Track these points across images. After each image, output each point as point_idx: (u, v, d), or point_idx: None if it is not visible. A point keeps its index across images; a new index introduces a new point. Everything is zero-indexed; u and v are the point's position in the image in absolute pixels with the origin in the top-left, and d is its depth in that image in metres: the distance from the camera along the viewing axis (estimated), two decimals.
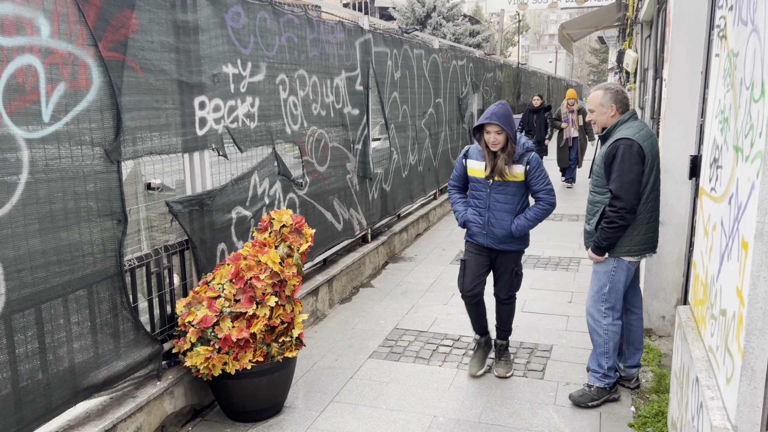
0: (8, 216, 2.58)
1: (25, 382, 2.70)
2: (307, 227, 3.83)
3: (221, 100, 3.94)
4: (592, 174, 3.73)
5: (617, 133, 3.57)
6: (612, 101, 3.62)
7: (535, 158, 3.93)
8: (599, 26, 15.07)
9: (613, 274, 3.69)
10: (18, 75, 2.58)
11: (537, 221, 3.98)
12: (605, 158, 3.55)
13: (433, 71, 8.87)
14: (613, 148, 3.50)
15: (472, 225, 4.05)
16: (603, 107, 3.64)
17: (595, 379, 3.81)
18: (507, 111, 3.82)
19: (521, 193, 3.98)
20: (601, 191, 3.63)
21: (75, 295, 2.92)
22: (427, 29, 28.60)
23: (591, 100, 3.69)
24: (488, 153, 3.89)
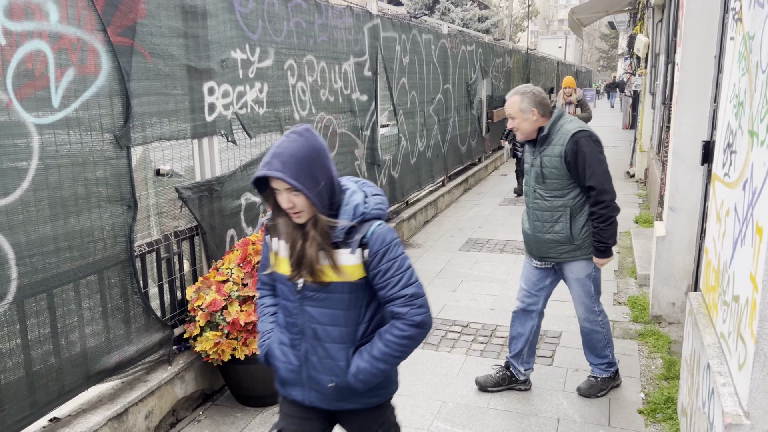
0: (19, 201, 2.59)
1: (38, 366, 2.72)
2: None
3: (230, 85, 3.92)
4: (541, 178, 3.41)
5: (562, 129, 3.34)
6: (532, 105, 3.35)
7: (381, 234, 1.98)
8: (610, 11, 14.89)
9: (594, 274, 3.54)
10: (27, 60, 2.58)
11: (392, 359, 2.01)
12: (566, 156, 3.28)
13: (441, 57, 8.81)
14: (573, 144, 3.26)
15: (280, 364, 2.19)
16: (524, 113, 3.37)
17: (601, 371, 3.75)
18: (310, 149, 1.94)
19: (359, 303, 2.05)
20: (561, 194, 3.38)
21: (86, 281, 2.94)
22: (436, 14, 28.39)
23: (509, 107, 3.42)
24: (287, 228, 2.02)
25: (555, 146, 3.33)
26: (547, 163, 3.37)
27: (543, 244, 3.49)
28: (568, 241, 3.42)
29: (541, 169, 3.40)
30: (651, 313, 4.83)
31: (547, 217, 3.43)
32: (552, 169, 3.35)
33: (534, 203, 3.48)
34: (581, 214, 3.39)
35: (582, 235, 3.40)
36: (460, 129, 10.13)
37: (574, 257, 3.45)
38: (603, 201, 3.28)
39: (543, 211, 3.44)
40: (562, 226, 3.40)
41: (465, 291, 5.61)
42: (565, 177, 3.33)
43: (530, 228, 3.54)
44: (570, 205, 3.37)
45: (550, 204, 3.41)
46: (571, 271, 3.52)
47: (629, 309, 5.07)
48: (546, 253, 3.51)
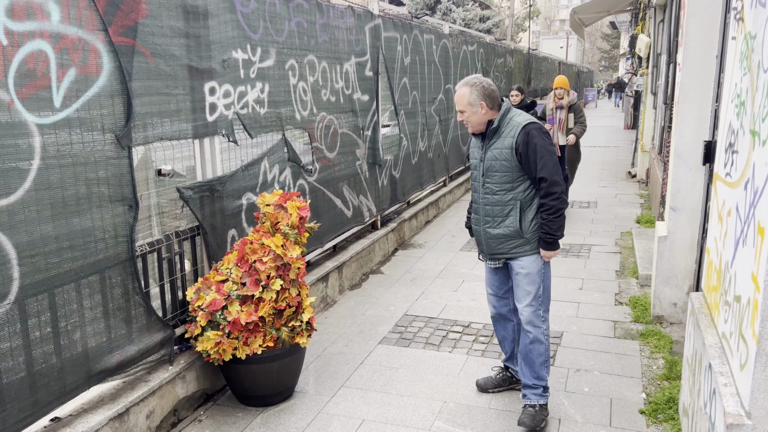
0: (21, 201, 2.59)
1: (40, 365, 2.72)
2: (296, 200, 3.75)
3: (231, 85, 3.92)
4: (490, 171, 3.34)
5: (512, 122, 3.29)
6: (480, 98, 3.27)
7: None
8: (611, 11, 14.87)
9: (543, 271, 3.41)
10: (29, 60, 2.58)
11: None
12: (517, 148, 3.24)
13: (443, 57, 8.81)
14: (525, 135, 3.22)
15: None
16: (473, 106, 3.29)
17: (538, 396, 3.46)
18: None
19: None
20: (511, 187, 3.31)
21: (87, 281, 2.94)
22: (437, 14, 28.38)
23: (458, 99, 3.32)
24: None
25: (505, 138, 3.28)
26: (497, 156, 3.31)
27: (493, 240, 3.41)
28: (518, 234, 3.34)
29: (491, 163, 3.34)
30: (652, 313, 4.83)
31: (497, 212, 3.37)
32: (503, 162, 3.29)
33: (484, 198, 3.40)
34: (530, 208, 3.33)
35: (531, 229, 3.33)
36: (462, 129, 10.12)
37: (523, 252, 3.38)
38: (554, 192, 3.22)
39: (493, 206, 3.38)
40: (512, 220, 3.33)
41: (466, 291, 5.61)
42: (516, 169, 3.28)
43: (479, 224, 3.47)
44: (520, 198, 3.32)
45: (500, 198, 3.34)
46: (521, 266, 3.40)
47: (631, 309, 5.07)
48: (496, 249, 3.43)
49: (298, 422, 3.56)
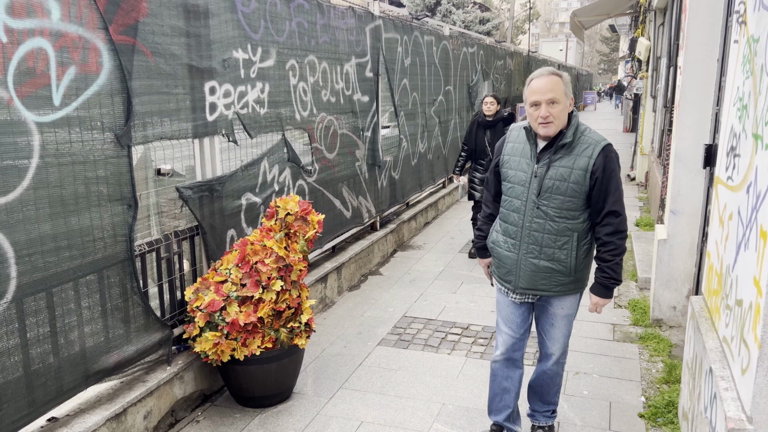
0: (19, 200, 2.57)
1: (37, 365, 2.71)
2: (315, 214, 3.80)
3: (231, 85, 3.91)
4: (550, 192, 2.79)
5: (587, 138, 2.78)
6: (570, 93, 2.79)
7: None
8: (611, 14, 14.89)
9: (578, 308, 3.05)
10: (29, 58, 2.56)
11: None
12: (595, 171, 2.72)
13: (443, 58, 8.80)
14: (604, 158, 2.72)
15: None
16: (567, 98, 2.76)
17: (547, 418, 3.31)
18: None
19: None
20: (572, 215, 2.80)
21: (85, 280, 2.92)
22: (437, 16, 28.40)
23: (551, 87, 2.71)
24: None
25: (579, 157, 2.75)
26: (565, 176, 2.76)
27: (536, 273, 2.90)
28: (568, 271, 2.87)
29: (555, 183, 2.79)
30: (652, 316, 4.82)
31: (549, 242, 2.84)
32: (572, 185, 2.76)
33: (533, 222, 2.85)
34: (585, 242, 2.87)
35: (581, 267, 2.90)
36: (461, 131, 10.12)
37: (568, 291, 2.92)
38: (624, 231, 2.80)
39: (544, 233, 2.85)
40: (566, 254, 2.84)
41: (465, 293, 5.60)
42: (583, 196, 2.77)
43: (519, 252, 2.92)
44: (578, 230, 2.83)
45: (557, 226, 2.82)
46: (561, 306, 2.97)
47: (630, 312, 5.06)
48: (537, 284, 2.92)
49: (296, 424, 3.54)
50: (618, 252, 2.80)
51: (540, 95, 2.72)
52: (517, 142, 2.94)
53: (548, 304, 3.00)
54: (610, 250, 2.80)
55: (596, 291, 2.91)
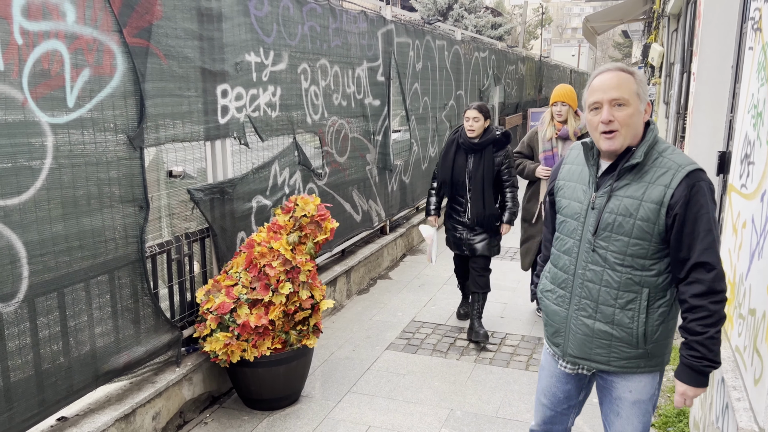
0: (32, 200, 2.59)
1: (47, 365, 2.72)
2: (330, 221, 3.79)
3: (243, 88, 3.93)
4: (610, 231, 2.10)
5: (666, 161, 2.03)
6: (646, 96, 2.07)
7: None
8: (624, 19, 14.83)
9: (656, 397, 2.27)
10: (44, 60, 2.59)
11: None
12: (674, 205, 1.98)
13: (454, 63, 8.80)
14: (688, 189, 1.96)
15: None
16: (641, 102, 2.05)
17: None
18: None
19: None
20: (642, 264, 2.07)
21: (97, 281, 2.94)
22: (449, 21, 28.41)
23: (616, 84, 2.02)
24: None
25: (653, 186, 2.02)
26: (630, 210, 2.05)
27: (590, 338, 2.19)
28: (636, 342, 2.12)
29: (617, 218, 2.07)
30: None
31: (609, 298, 2.12)
32: (639, 222, 2.04)
33: (590, 270, 2.15)
34: (662, 303, 2.11)
35: (656, 337, 2.13)
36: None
37: (637, 368, 2.16)
38: (720, 290, 1.98)
39: (601, 285, 2.13)
40: (632, 316, 2.10)
41: None
42: (658, 239, 2.04)
43: (569, 307, 2.23)
44: (650, 285, 2.08)
45: (618, 277, 2.09)
46: (629, 389, 2.20)
47: None
48: (591, 354, 2.20)
49: (304, 427, 3.54)
50: (712, 321, 1.97)
51: (601, 93, 2.03)
52: (575, 163, 2.26)
53: (611, 384, 2.24)
54: (701, 318, 1.97)
55: (682, 376, 2.05)
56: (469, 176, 4.50)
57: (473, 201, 4.52)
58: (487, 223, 4.54)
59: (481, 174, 4.46)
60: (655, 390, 2.22)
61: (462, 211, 4.62)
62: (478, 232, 4.59)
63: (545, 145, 4.65)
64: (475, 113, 4.43)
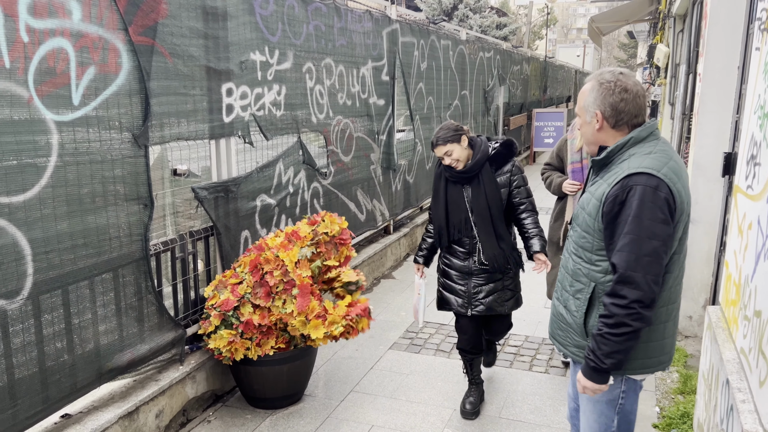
0: (37, 198, 2.60)
1: (51, 362, 2.73)
2: (349, 249, 3.76)
3: (248, 87, 3.93)
4: (575, 223, 2.22)
5: (628, 161, 2.06)
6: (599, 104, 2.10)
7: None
8: (630, 20, 14.78)
9: (621, 403, 2.22)
10: (49, 58, 2.59)
11: None
12: (607, 204, 2.04)
13: (459, 63, 8.79)
14: (623, 190, 2.00)
15: None
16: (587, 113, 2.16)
17: None
18: None
19: None
20: (587, 258, 2.15)
21: (101, 278, 2.95)
22: (454, 20, 28.39)
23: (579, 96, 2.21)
24: None
25: (603, 184, 2.11)
26: (584, 203, 2.18)
27: (556, 319, 2.33)
28: (580, 331, 2.20)
29: (579, 210, 2.22)
30: None
31: (567, 283, 2.26)
32: (586, 216, 2.15)
33: (564, 256, 2.31)
34: None
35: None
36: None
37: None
38: (623, 297, 1.99)
39: (566, 271, 2.26)
40: (578, 306, 2.18)
41: None
42: (599, 235, 2.10)
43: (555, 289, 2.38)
44: (597, 281, 2.13)
45: (574, 266, 2.21)
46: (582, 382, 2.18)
47: None
48: (556, 335, 2.35)
49: (307, 426, 3.54)
50: (609, 323, 2.01)
51: None
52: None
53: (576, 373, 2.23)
54: (602, 315, 2.05)
55: (582, 367, 2.14)
56: (471, 209, 3.43)
57: (484, 239, 3.41)
58: (509, 261, 3.48)
59: (485, 203, 3.38)
60: (617, 396, 2.19)
61: (466, 256, 3.51)
62: (491, 280, 3.49)
63: (574, 156, 3.99)
64: (445, 148, 3.42)
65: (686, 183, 2.07)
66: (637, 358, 2.14)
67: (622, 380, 2.20)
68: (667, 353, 2.20)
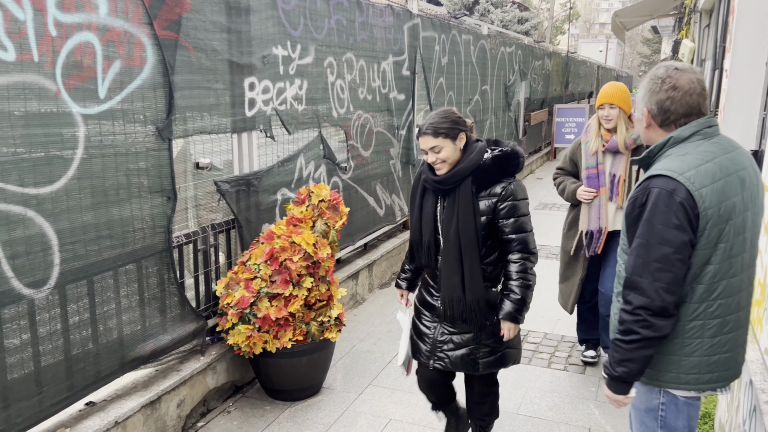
0: (64, 190, 2.65)
1: (77, 350, 2.78)
2: (343, 205, 3.84)
3: (270, 81, 3.96)
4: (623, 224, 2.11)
5: (661, 162, 1.99)
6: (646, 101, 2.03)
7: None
8: (654, 15, 14.57)
9: (662, 415, 2.10)
10: (76, 52, 2.64)
11: None
12: (628, 205, 2.01)
13: (480, 58, 8.74)
14: (644, 192, 1.94)
15: None
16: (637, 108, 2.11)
17: None
18: None
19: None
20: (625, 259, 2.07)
21: (125, 269, 2.99)
22: (475, 15, 28.20)
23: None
24: None
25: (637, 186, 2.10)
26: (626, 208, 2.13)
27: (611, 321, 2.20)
28: None
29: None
30: None
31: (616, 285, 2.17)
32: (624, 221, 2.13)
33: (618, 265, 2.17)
34: None
35: None
36: (497, 131, 10.04)
37: None
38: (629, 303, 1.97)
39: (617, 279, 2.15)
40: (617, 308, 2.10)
41: None
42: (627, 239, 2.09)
43: None
44: None
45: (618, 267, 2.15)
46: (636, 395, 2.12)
47: None
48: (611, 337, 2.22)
49: (325, 418, 3.57)
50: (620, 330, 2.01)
51: None
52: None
53: None
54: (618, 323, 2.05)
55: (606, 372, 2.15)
56: (442, 225, 2.68)
57: (445, 275, 2.67)
58: (471, 316, 2.67)
59: (455, 228, 2.60)
60: (656, 407, 2.08)
61: (437, 293, 2.78)
62: (464, 331, 2.72)
63: (589, 161, 3.71)
64: (435, 141, 2.57)
65: (735, 186, 1.90)
66: (670, 371, 2.00)
67: (660, 391, 2.07)
68: (711, 373, 1.97)
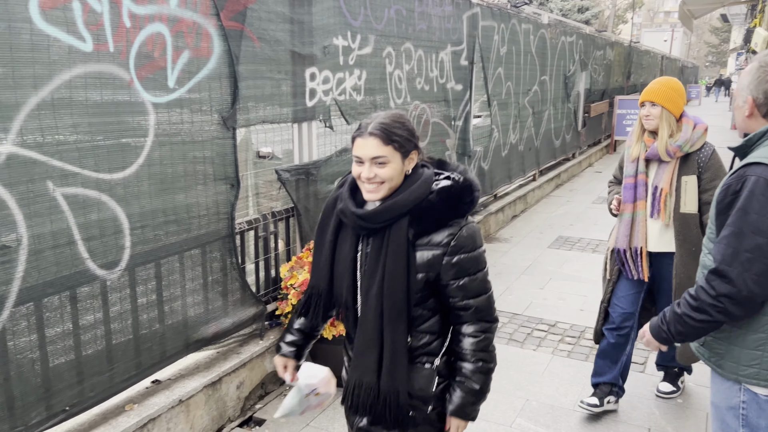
0: (134, 176, 2.75)
1: (144, 330, 2.90)
2: None
3: (330, 72, 3.99)
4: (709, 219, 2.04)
5: (759, 151, 1.89)
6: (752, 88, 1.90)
7: None
8: (725, 2, 13.93)
9: (744, 414, 1.95)
10: (148, 42, 2.73)
11: None
12: (720, 192, 1.92)
13: (540, 47, 8.57)
14: (738, 180, 1.85)
15: None
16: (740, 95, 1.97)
17: None
18: None
19: None
20: (710, 248, 1.99)
21: (190, 254, 3.10)
22: (534, 4, 27.64)
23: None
24: None
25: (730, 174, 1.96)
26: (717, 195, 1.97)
27: None
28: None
29: None
30: None
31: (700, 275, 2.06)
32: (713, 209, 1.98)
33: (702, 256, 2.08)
34: None
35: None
36: (555, 122, 9.83)
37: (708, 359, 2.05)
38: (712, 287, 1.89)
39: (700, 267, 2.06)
40: None
41: (553, 289, 5.47)
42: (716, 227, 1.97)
43: None
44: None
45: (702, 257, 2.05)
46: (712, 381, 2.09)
47: None
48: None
49: None
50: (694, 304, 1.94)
51: None
52: None
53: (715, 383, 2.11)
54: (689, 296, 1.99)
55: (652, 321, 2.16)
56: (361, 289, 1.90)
57: (357, 350, 1.91)
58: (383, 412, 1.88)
59: (378, 287, 1.82)
60: (737, 405, 1.94)
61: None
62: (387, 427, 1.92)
63: (628, 169, 3.23)
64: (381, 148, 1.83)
65: None
66: (752, 366, 1.89)
67: (740, 389, 1.94)
68: None
